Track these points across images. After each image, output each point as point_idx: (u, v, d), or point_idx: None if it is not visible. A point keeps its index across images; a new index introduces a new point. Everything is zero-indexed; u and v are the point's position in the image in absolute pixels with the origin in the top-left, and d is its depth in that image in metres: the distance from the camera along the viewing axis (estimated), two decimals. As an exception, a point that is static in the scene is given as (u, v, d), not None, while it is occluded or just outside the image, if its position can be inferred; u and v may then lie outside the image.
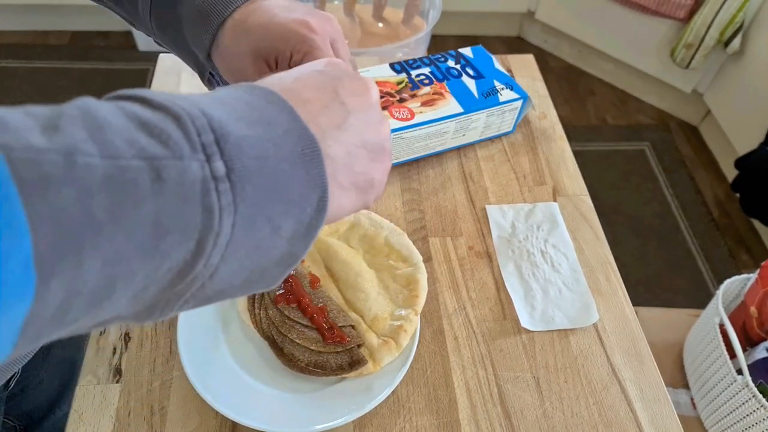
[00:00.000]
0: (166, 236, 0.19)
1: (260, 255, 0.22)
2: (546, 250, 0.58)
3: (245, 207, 0.21)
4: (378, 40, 1.06)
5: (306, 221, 0.24)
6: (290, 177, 0.22)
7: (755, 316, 0.81)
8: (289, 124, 0.23)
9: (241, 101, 0.23)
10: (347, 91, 0.28)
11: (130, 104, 0.20)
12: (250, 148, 0.21)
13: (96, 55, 1.90)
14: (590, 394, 0.49)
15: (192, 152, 0.19)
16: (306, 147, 0.23)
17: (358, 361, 0.45)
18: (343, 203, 0.27)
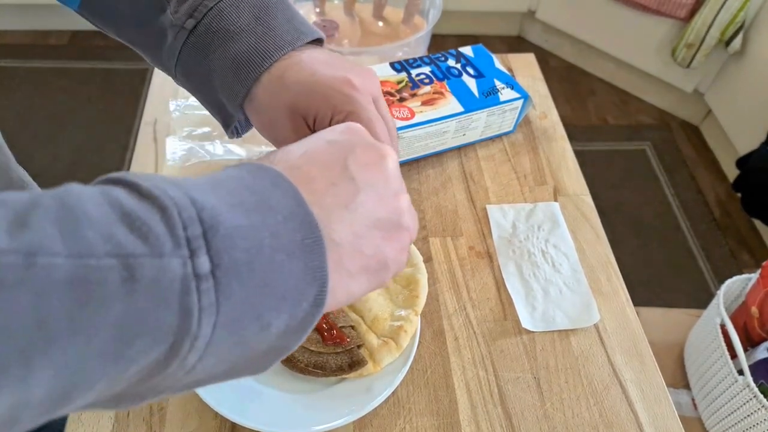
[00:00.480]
0: (134, 341, 0.17)
1: (245, 350, 0.21)
2: (547, 250, 0.58)
3: (230, 306, 0.19)
4: (378, 39, 1.05)
5: (300, 316, 0.22)
6: (286, 270, 0.21)
7: (756, 316, 0.81)
8: (292, 210, 0.22)
9: (242, 184, 0.22)
10: (359, 163, 0.26)
11: (117, 190, 0.19)
12: (243, 240, 0.20)
13: (96, 55, 1.90)
14: (591, 394, 0.48)
15: (174, 248, 0.18)
16: (307, 236, 0.22)
17: (358, 361, 0.45)
18: (352, 290, 0.25)
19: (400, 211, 0.27)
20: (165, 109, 0.68)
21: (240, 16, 0.36)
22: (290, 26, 0.37)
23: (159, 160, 0.63)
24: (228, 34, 0.36)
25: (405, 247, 0.28)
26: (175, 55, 0.38)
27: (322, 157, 0.26)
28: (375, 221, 0.26)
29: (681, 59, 1.68)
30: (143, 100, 1.76)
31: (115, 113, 1.73)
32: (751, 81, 1.58)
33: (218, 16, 0.36)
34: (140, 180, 0.20)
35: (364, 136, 0.28)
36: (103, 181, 0.21)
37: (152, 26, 0.38)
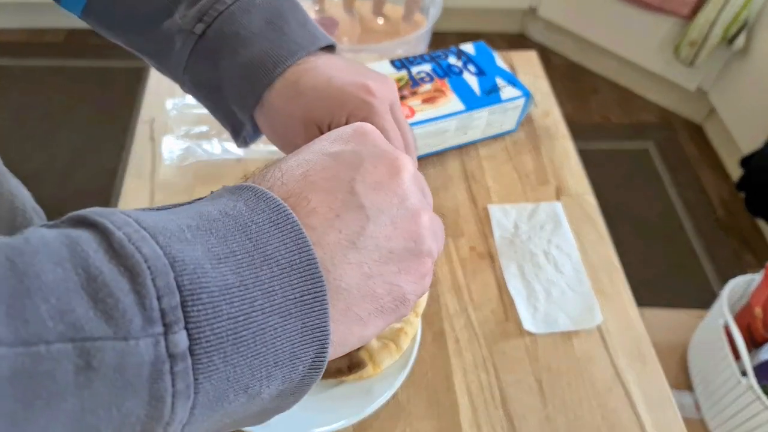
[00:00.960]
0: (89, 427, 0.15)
1: (233, 416, 0.19)
2: (549, 251, 0.57)
3: (211, 385, 0.16)
4: (378, 36, 1.05)
5: (296, 380, 0.19)
6: (279, 334, 0.18)
7: (760, 317, 0.80)
8: (292, 258, 0.19)
9: (237, 224, 0.19)
10: (367, 184, 0.22)
11: (86, 237, 0.16)
12: (229, 305, 0.17)
13: (92, 53, 1.89)
14: (593, 396, 0.48)
15: (144, 326, 0.15)
16: (307, 291, 0.19)
17: (358, 364, 0.44)
18: (365, 335, 0.22)
19: (420, 236, 0.23)
20: (162, 108, 0.67)
21: (252, 21, 0.35)
22: (304, 31, 0.36)
23: (156, 159, 0.62)
24: (239, 38, 0.34)
25: (427, 272, 0.24)
26: (184, 61, 0.36)
27: (325, 178, 0.22)
28: (389, 255, 0.22)
29: (684, 57, 1.67)
30: (140, 98, 1.76)
31: (112, 112, 1.72)
32: (754, 79, 1.57)
33: (229, 20, 0.35)
34: (112, 226, 0.17)
35: (374, 141, 0.25)
36: (73, 220, 0.18)
37: (159, 31, 0.37)
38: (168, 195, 0.58)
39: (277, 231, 0.19)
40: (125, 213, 0.17)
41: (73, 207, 0.54)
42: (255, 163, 0.62)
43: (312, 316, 0.19)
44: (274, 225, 0.19)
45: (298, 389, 0.20)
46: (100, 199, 1.46)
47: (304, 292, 0.19)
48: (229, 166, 0.62)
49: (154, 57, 0.40)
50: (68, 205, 0.94)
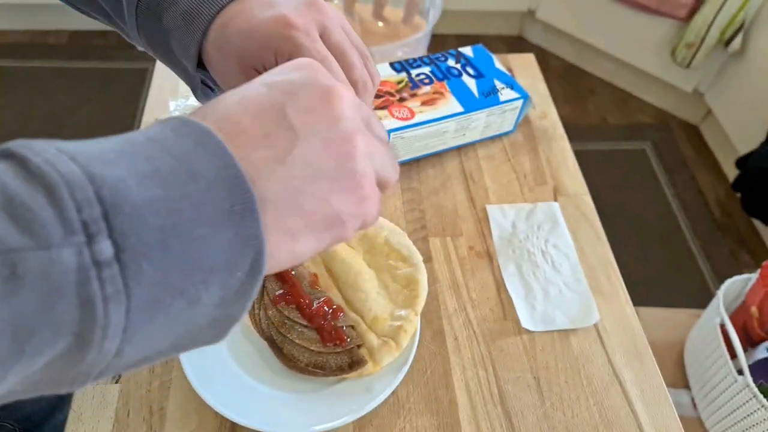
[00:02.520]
0: (30, 338, 0.16)
1: (181, 326, 0.19)
2: (547, 250, 0.58)
3: (143, 290, 0.17)
4: (378, 39, 1.05)
5: (236, 286, 0.20)
6: (211, 243, 0.19)
7: (756, 316, 0.81)
8: (218, 173, 0.20)
9: (162, 147, 0.19)
10: (299, 107, 0.23)
11: (4, 166, 0.17)
12: (155, 216, 0.18)
13: (95, 55, 1.89)
14: (591, 394, 0.48)
15: (66, 235, 0.16)
16: (236, 202, 0.19)
17: (358, 361, 0.45)
18: (297, 250, 0.22)
19: (352, 156, 0.23)
20: (165, 109, 0.68)
21: None
22: None
23: (159, 159, 0.63)
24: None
25: (366, 196, 0.24)
26: (134, 20, 0.36)
27: (258, 104, 0.23)
28: (318, 172, 0.22)
29: (681, 59, 1.68)
30: (143, 99, 1.76)
31: (115, 113, 1.72)
32: (751, 81, 1.58)
33: None
34: (31, 153, 0.17)
35: (314, 73, 0.25)
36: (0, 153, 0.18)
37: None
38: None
39: (202, 149, 0.20)
40: (48, 141, 0.18)
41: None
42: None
43: (243, 225, 0.20)
44: (198, 144, 0.20)
45: (240, 295, 0.20)
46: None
47: (234, 203, 0.19)
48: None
49: (113, 20, 0.39)
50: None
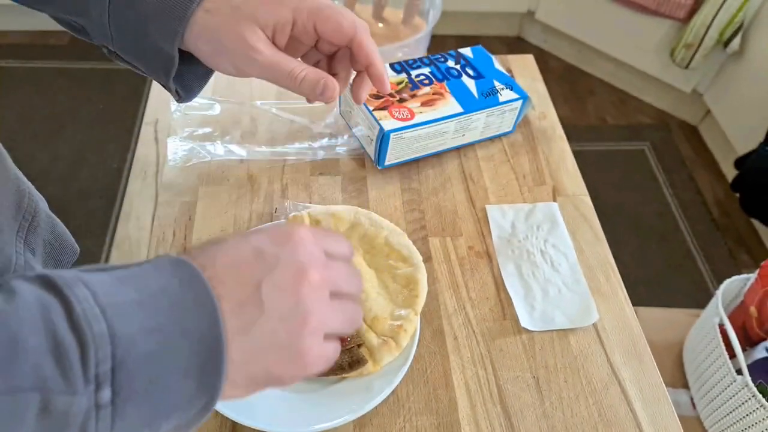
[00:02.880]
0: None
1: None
2: (546, 250, 0.58)
3: (123, 423, 0.22)
4: (378, 40, 1.05)
5: (190, 419, 0.25)
6: (180, 389, 0.24)
7: (755, 315, 0.81)
8: (203, 333, 0.24)
9: (169, 301, 0.24)
10: (272, 284, 0.27)
11: (56, 308, 0.22)
12: (146, 369, 0.22)
13: (96, 56, 1.89)
14: (590, 394, 0.49)
15: (85, 385, 0.21)
16: (208, 362, 0.24)
17: (358, 361, 0.45)
18: (236, 395, 0.27)
19: (301, 335, 0.27)
20: (166, 110, 0.68)
21: None
22: None
23: (160, 160, 0.63)
24: None
25: (309, 363, 0.28)
26: (106, 8, 0.36)
27: (244, 272, 0.27)
28: (269, 345, 0.27)
29: (680, 60, 1.69)
30: (144, 100, 1.76)
31: (116, 113, 1.73)
32: (749, 81, 1.59)
33: None
34: (75, 299, 0.22)
35: (295, 248, 0.28)
36: (44, 282, 0.23)
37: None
38: (172, 195, 0.59)
39: (199, 310, 0.24)
40: (85, 284, 0.23)
41: (77, 208, 0.55)
42: (257, 165, 0.63)
43: (209, 379, 0.24)
44: (197, 304, 0.24)
45: (192, 423, 0.25)
46: (104, 199, 1.47)
47: (206, 362, 0.24)
48: (232, 167, 0.63)
49: (78, 15, 0.39)
50: (73, 206, 0.95)
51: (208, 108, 0.67)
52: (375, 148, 0.61)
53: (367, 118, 0.61)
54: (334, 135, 0.67)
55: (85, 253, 1.57)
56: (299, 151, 0.65)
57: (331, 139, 0.66)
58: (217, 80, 0.72)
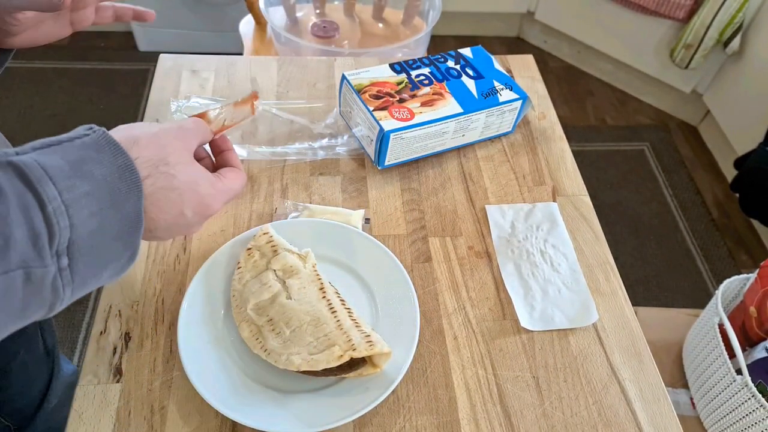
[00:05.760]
0: (29, 307, 0.30)
1: (94, 284, 0.34)
2: (545, 250, 0.58)
3: (79, 278, 0.31)
4: (378, 40, 1.06)
5: (120, 267, 0.34)
6: (112, 249, 0.33)
7: (754, 315, 0.81)
8: (129, 212, 0.33)
9: (108, 188, 0.32)
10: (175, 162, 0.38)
11: (32, 204, 0.29)
12: (90, 240, 0.31)
13: (96, 56, 1.90)
14: (590, 393, 0.49)
15: (52, 259, 0.29)
16: (131, 229, 0.33)
17: (358, 361, 0.45)
18: (158, 238, 0.39)
19: (197, 193, 0.39)
20: (166, 110, 0.68)
21: None
22: None
23: (160, 160, 0.63)
24: None
25: (209, 205, 0.40)
26: None
27: (157, 150, 0.36)
28: (174, 202, 0.37)
29: (679, 60, 1.69)
30: (144, 100, 1.76)
31: (116, 113, 1.73)
32: (749, 82, 1.59)
33: None
34: (47, 198, 0.29)
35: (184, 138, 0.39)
36: (17, 174, 0.29)
37: None
38: (171, 196, 0.59)
39: (128, 195, 0.33)
40: (51, 180, 0.29)
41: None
42: (257, 165, 0.63)
43: (131, 239, 0.34)
44: (129, 191, 0.33)
45: (123, 270, 0.35)
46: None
47: (129, 229, 0.33)
48: (231, 167, 0.63)
49: None
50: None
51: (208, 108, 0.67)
52: (375, 148, 0.61)
53: (367, 118, 0.61)
54: (334, 135, 0.67)
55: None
56: (299, 151, 0.65)
57: (331, 139, 0.66)
58: (218, 80, 0.72)
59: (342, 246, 0.54)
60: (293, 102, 0.70)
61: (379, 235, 0.58)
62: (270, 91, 0.72)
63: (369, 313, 0.51)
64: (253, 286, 0.49)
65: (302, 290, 0.48)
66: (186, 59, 0.74)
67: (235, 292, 0.50)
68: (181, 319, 0.47)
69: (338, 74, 0.75)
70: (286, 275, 0.49)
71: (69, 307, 1.37)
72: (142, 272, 0.53)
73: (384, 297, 0.51)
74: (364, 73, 0.65)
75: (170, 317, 0.50)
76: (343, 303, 0.48)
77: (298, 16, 1.10)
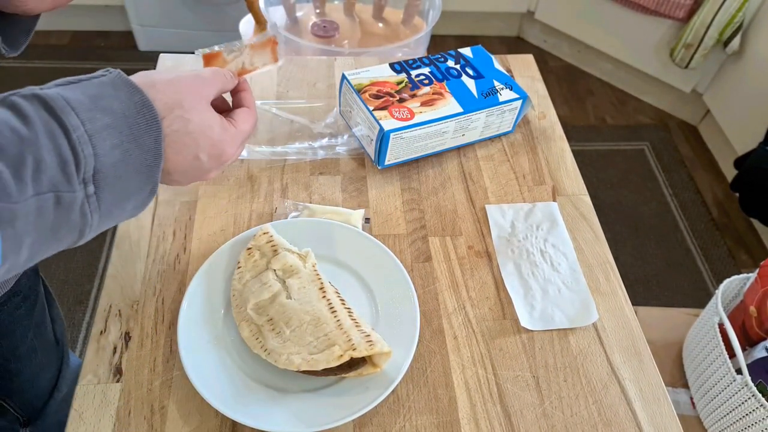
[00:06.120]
0: (59, 232, 0.32)
1: (119, 216, 0.36)
2: (545, 250, 0.58)
3: (105, 206, 0.33)
4: (378, 40, 1.06)
5: (142, 199, 0.36)
6: (135, 180, 0.34)
7: (754, 315, 0.81)
8: (149, 146, 0.34)
9: (127, 122, 0.33)
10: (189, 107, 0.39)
11: (59, 134, 0.30)
12: (114, 171, 0.33)
13: (96, 55, 1.90)
14: (590, 393, 0.49)
15: (79, 185, 0.31)
16: (152, 164, 0.35)
17: (358, 361, 0.45)
18: (174, 182, 0.40)
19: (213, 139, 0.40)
20: (165, 110, 0.68)
21: None
22: None
23: (159, 160, 0.63)
24: None
25: (222, 152, 0.41)
26: None
27: (176, 92, 0.38)
28: (192, 145, 0.39)
29: (679, 59, 1.69)
30: (143, 100, 1.76)
31: (115, 113, 1.73)
32: (749, 81, 1.59)
33: None
34: (71, 127, 0.31)
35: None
36: (42, 105, 0.31)
37: None
38: (172, 195, 0.59)
39: (147, 129, 0.34)
40: (74, 111, 0.31)
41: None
42: (257, 164, 0.63)
43: (152, 173, 0.35)
44: (148, 126, 0.34)
45: (144, 203, 0.37)
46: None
47: (151, 163, 0.35)
48: (232, 166, 0.63)
49: None
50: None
51: (208, 108, 0.67)
52: (375, 148, 0.61)
53: (367, 117, 0.61)
54: (334, 135, 0.67)
55: (85, 252, 1.57)
56: (299, 151, 0.65)
57: (331, 139, 0.66)
58: (217, 80, 0.72)
59: (342, 246, 0.54)
60: (293, 102, 0.70)
61: (379, 234, 0.58)
62: (270, 90, 0.72)
63: (369, 312, 0.51)
64: (253, 285, 0.49)
65: (302, 290, 0.48)
66: (186, 59, 0.74)
67: (235, 291, 0.50)
68: (181, 319, 0.47)
69: (338, 74, 0.75)
70: (286, 275, 0.49)
71: (69, 307, 1.37)
72: (142, 272, 0.53)
73: (384, 297, 0.51)
74: (364, 73, 0.65)
75: (170, 317, 0.50)
76: (343, 303, 0.48)
77: (298, 16, 1.10)
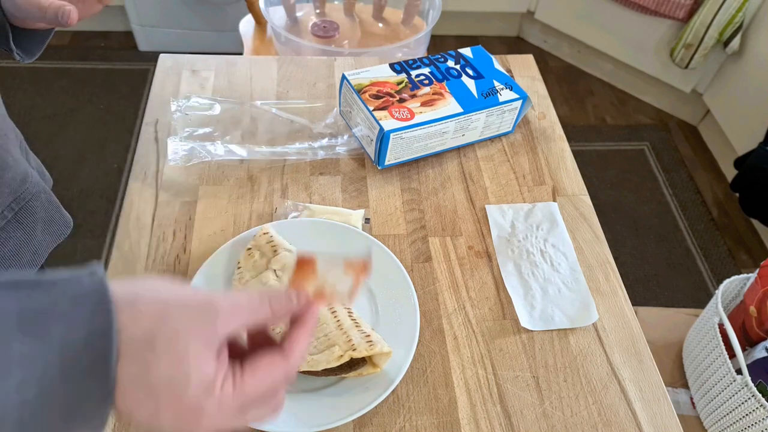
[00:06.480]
0: None
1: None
2: (545, 250, 0.58)
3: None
4: (378, 40, 1.06)
5: None
6: (57, 429, 0.26)
7: (754, 315, 0.81)
8: (91, 391, 0.26)
9: (68, 355, 0.25)
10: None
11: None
12: (18, 411, 0.24)
13: (96, 55, 1.90)
14: (590, 393, 0.49)
15: None
16: (89, 410, 0.26)
17: (358, 361, 0.45)
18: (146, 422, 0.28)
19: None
20: (166, 110, 0.68)
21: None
22: None
23: (160, 160, 0.63)
24: None
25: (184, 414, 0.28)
26: None
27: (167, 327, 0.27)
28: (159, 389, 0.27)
29: (679, 59, 1.69)
30: (144, 100, 1.76)
31: (117, 114, 1.73)
32: (749, 81, 1.59)
33: None
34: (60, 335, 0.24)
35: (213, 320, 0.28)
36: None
37: None
38: (172, 195, 0.59)
39: (90, 361, 0.25)
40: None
41: (78, 207, 0.56)
42: (257, 165, 0.63)
43: (92, 421, 0.26)
44: (92, 361, 0.25)
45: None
46: (104, 199, 1.47)
47: (89, 414, 0.26)
48: (232, 167, 0.63)
49: None
50: (74, 206, 0.96)
51: (208, 108, 0.67)
52: (375, 148, 0.61)
53: (367, 118, 0.61)
54: (334, 135, 0.67)
55: (85, 252, 1.57)
56: (299, 151, 0.65)
57: (331, 139, 0.67)
58: (218, 80, 0.72)
59: (342, 246, 0.54)
60: (293, 102, 0.71)
61: (379, 234, 0.58)
62: (270, 90, 0.72)
63: (369, 313, 0.51)
64: (253, 285, 0.49)
65: (302, 290, 0.48)
66: (186, 59, 0.74)
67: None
68: (181, 319, 0.47)
69: (338, 74, 0.75)
70: (286, 275, 0.49)
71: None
72: (142, 272, 0.53)
73: (384, 297, 0.51)
74: (364, 73, 0.65)
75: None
76: (343, 303, 0.48)
77: (298, 16, 1.10)
